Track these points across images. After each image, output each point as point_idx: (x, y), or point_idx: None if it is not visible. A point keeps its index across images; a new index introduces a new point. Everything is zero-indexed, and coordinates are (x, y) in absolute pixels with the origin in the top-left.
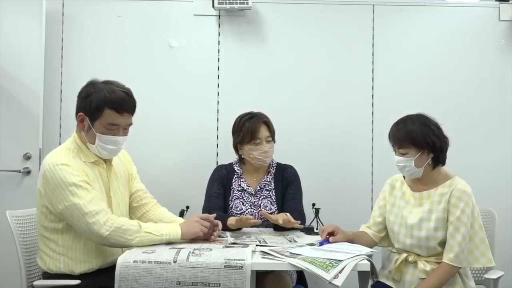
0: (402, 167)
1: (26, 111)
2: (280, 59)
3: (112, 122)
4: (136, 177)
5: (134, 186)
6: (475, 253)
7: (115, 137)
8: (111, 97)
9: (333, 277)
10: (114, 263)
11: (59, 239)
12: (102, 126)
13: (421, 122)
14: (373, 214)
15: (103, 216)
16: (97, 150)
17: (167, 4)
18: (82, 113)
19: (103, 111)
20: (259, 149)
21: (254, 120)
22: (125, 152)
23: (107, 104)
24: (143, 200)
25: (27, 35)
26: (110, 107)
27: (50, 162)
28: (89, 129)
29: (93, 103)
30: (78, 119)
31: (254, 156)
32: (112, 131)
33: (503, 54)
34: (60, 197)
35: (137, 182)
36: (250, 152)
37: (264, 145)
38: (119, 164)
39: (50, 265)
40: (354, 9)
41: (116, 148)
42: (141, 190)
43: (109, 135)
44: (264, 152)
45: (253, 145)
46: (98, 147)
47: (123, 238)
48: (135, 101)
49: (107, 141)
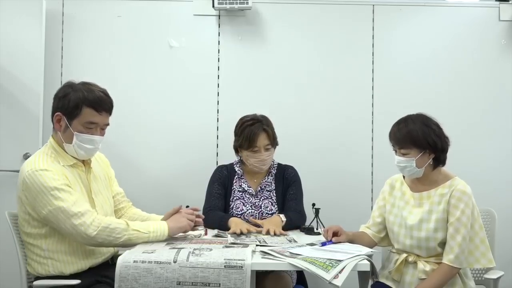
0: (402, 168)
1: (26, 111)
2: (280, 59)
3: (91, 120)
4: (115, 180)
5: (113, 189)
6: (475, 253)
7: (92, 136)
8: (89, 96)
9: (333, 277)
10: (106, 261)
11: (42, 244)
12: (80, 125)
13: (422, 122)
14: (373, 214)
15: (89, 217)
16: (73, 150)
17: (167, 4)
18: (59, 113)
19: (81, 109)
20: (256, 157)
21: (254, 127)
22: (103, 155)
23: (86, 102)
24: (121, 204)
25: (27, 35)
26: (88, 105)
27: (29, 169)
28: (66, 128)
29: (71, 102)
30: (54, 119)
31: (251, 163)
32: (90, 130)
33: (503, 54)
34: (43, 202)
35: (116, 186)
36: (248, 158)
37: (262, 153)
38: (98, 167)
39: (39, 270)
40: (354, 9)
41: (93, 148)
42: (119, 194)
43: (87, 134)
44: (261, 160)
45: (250, 152)
46: (75, 146)
47: (111, 237)
48: (112, 101)
49: (84, 140)
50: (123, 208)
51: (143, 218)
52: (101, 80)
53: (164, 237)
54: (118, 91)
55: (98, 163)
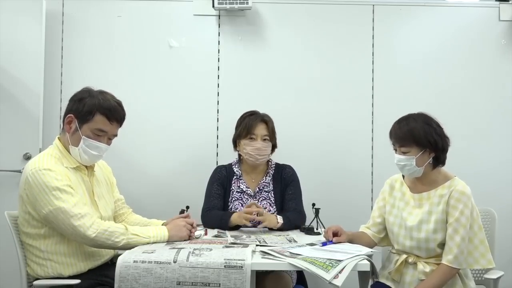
0: (402, 166)
1: (26, 111)
2: (280, 59)
3: (101, 128)
4: (116, 187)
5: (114, 196)
6: (474, 254)
7: (99, 143)
8: (104, 104)
9: (333, 277)
10: (106, 262)
11: (41, 245)
12: (90, 130)
13: (423, 121)
14: (373, 214)
15: (88, 220)
16: (78, 154)
17: (167, 4)
18: (71, 115)
19: (94, 115)
20: (252, 145)
21: (254, 117)
22: (105, 163)
23: (100, 109)
24: (121, 210)
25: (27, 35)
26: (102, 113)
27: (32, 168)
28: (76, 131)
29: (86, 106)
30: (66, 120)
31: (247, 152)
32: (99, 137)
33: (503, 54)
34: (44, 202)
35: (117, 193)
36: (244, 147)
37: (258, 141)
38: (100, 173)
39: (38, 271)
40: (354, 9)
41: (98, 155)
42: (120, 200)
43: (94, 140)
44: (257, 149)
45: (248, 140)
46: (81, 150)
47: (110, 240)
48: (125, 114)
49: (90, 146)
50: (123, 214)
51: (144, 223)
52: (100, 80)
53: (163, 243)
54: (118, 91)
55: (100, 169)
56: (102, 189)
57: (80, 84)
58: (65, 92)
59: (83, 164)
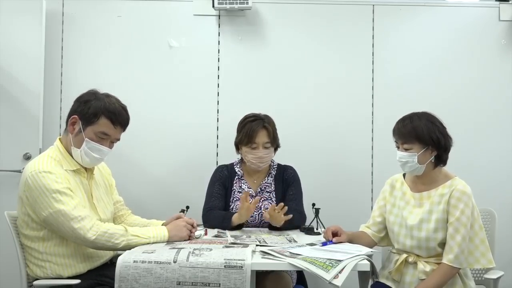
0: (404, 163)
1: (26, 111)
2: (280, 59)
3: (105, 131)
4: (115, 189)
5: (113, 197)
6: (475, 254)
7: (101, 146)
8: (110, 108)
9: (333, 277)
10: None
11: (40, 247)
12: (93, 133)
13: (427, 119)
14: (373, 214)
15: (88, 222)
16: (79, 156)
17: (167, 4)
18: (76, 116)
19: (99, 118)
20: (254, 154)
21: (255, 123)
22: (104, 164)
23: (105, 113)
24: (120, 211)
25: (27, 35)
26: (106, 116)
27: (32, 170)
28: (79, 133)
29: (91, 109)
30: (70, 121)
31: (249, 159)
32: (101, 140)
33: (503, 54)
34: (44, 204)
35: (116, 195)
36: (246, 154)
37: (260, 150)
38: (99, 175)
39: (37, 272)
40: (354, 9)
41: (99, 158)
42: (119, 202)
43: (97, 143)
44: (259, 157)
45: (249, 148)
46: (83, 152)
47: (110, 242)
48: (129, 118)
49: (93, 148)
50: (123, 215)
51: (143, 224)
52: (100, 80)
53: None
54: (118, 91)
55: (100, 171)
56: (100, 192)
57: (80, 84)
58: (65, 92)
59: (83, 166)
